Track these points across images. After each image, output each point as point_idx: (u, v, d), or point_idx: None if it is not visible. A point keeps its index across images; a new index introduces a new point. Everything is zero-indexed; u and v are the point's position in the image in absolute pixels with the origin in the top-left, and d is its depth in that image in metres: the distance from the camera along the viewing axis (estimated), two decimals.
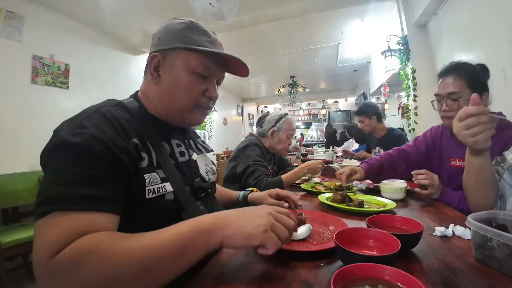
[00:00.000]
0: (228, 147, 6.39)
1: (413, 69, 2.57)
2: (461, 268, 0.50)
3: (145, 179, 0.53)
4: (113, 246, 0.38)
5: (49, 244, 0.37)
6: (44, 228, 0.39)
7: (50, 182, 0.42)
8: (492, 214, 0.60)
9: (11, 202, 2.02)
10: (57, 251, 0.36)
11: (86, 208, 0.41)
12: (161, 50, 0.61)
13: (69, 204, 0.40)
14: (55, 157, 0.45)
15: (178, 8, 2.84)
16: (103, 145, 0.46)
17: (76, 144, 0.44)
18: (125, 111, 0.58)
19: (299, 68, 5.54)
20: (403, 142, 2.00)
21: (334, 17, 3.26)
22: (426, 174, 1.00)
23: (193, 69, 0.61)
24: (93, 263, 0.36)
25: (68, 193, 0.41)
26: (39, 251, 0.37)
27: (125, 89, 3.63)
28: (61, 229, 0.38)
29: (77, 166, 0.43)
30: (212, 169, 0.79)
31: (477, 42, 1.87)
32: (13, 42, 2.42)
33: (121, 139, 0.50)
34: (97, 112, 0.51)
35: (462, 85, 0.97)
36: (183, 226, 0.43)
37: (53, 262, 0.36)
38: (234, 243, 0.44)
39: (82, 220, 0.40)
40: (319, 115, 9.48)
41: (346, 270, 0.40)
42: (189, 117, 0.65)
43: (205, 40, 0.63)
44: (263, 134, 1.57)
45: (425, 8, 2.37)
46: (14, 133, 2.40)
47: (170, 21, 0.65)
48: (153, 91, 0.64)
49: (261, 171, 1.31)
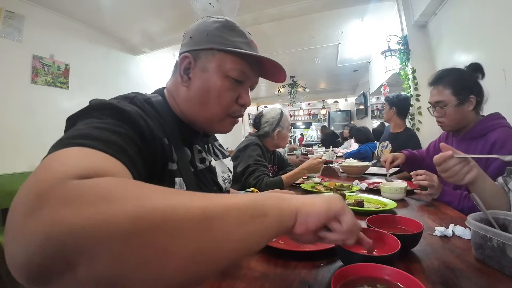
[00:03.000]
0: (228, 147, 6.38)
1: (413, 69, 2.57)
2: (461, 268, 0.50)
3: (175, 182, 0.51)
4: (161, 189, 0.26)
5: (76, 165, 0.26)
6: (68, 153, 0.29)
7: (86, 124, 0.36)
8: (492, 214, 0.60)
9: (11, 202, 2.02)
10: (85, 175, 0.25)
11: (124, 160, 0.33)
12: (192, 50, 0.56)
13: (104, 145, 0.32)
14: (94, 111, 0.39)
15: (178, 8, 2.84)
16: (146, 124, 0.43)
17: (124, 110, 0.40)
18: (154, 109, 0.53)
19: (299, 68, 5.54)
20: (416, 142, 2.00)
21: (334, 17, 3.26)
22: (425, 175, 1.01)
23: (227, 73, 0.55)
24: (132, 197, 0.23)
25: (103, 136, 0.34)
26: (55, 167, 0.25)
27: (125, 89, 3.65)
28: (95, 160, 0.29)
29: (119, 122, 0.39)
30: (229, 177, 0.75)
31: (477, 42, 1.87)
32: (13, 42, 2.42)
33: (159, 132, 0.47)
34: (132, 102, 0.47)
35: (446, 94, 1.05)
36: (245, 194, 0.33)
37: (76, 182, 0.24)
38: (314, 211, 0.34)
39: (120, 166, 0.32)
40: (319, 115, 9.46)
41: (346, 270, 0.40)
42: (219, 125, 0.60)
43: (241, 41, 0.57)
44: (267, 134, 1.57)
45: (425, 8, 2.36)
46: (14, 133, 2.40)
47: (204, 19, 0.59)
48: (182, 94, 0.58)
49: (261, 171, 1.31)
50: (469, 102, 1.02)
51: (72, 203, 0.21)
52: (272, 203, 0.31)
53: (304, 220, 0.33)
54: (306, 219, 0.33)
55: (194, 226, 0.23)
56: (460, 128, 1.09)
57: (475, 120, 1.05)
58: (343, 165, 1.73)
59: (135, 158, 0.37)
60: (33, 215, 0.20)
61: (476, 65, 1.06)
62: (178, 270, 0.22)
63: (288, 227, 0.32)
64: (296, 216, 0.33)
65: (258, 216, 0.29)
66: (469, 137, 1.06)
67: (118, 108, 0.40)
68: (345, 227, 0.36)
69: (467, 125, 1.06)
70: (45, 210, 0.20)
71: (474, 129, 1.04)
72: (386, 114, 2.25)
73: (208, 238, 0.24)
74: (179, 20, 3.07)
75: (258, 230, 0.29)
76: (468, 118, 1.05)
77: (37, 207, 0.21)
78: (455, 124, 1.08)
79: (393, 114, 2.19)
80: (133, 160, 0.36)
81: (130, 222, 0.20)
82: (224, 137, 5.93)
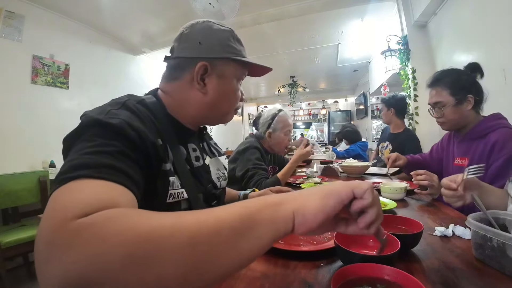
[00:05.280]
0: (228, 147, 6.38)
1: (413, 69, 2.57)
2: (461, 268, 0.50)
3: (170, 182, 0.52)
4: (152, 215, 0.29)
5: (74, 206, 0.29)
6: (66, 191, 0.32)
7: (76, 152, 0.38)
8: (492, 214, 0.60)
9: (11, 202, 2.01)
10: (82, 214, 0.28)
11: (118, 180, 0.36)
12: (208, 58, 0.60)
13: (100, 172, 0.35)
14: (85, 132, 0.41)
15: (178, 8, 2.85)
16: (136, 133, 0.44)
17: (110, 124, 0.42)
18: (148, 110, 0.55)
19: (299, 68, 5.54)
20: (415, 143, 1.99)
21: (334, 17, 3.26)
22: (425, 175, 1.01)
23: (239, 78, 0.66)
24: (123, 230, 0.26)
25: (98, 161, 0.36)
26: (53, 214, 0.28)
27: (125, 89, 3.63)
28: (91, 194, 0.32)
29: (109, 141, 0.40)
30: (224, 174, 0.78)
31: (477, 42, 1.87)
32: (13, 42, 2.42)
33: (150, 134, 0.48)
34: (124, 107, 0.49)
35: (444, 95, 1.06)
36: (245, 202, 0.33)
37: (75, 224, 0.26)
38: (309, 209, 0.32)
39: (114, 189, 0.35)
40: (319, 115, 9.46)
41: (346, 270, 0.40)
42: (227, 118, 0.70)
43: (243, 49, 0.66)
44: (260, 137, 1.57)
45: (425, 8, 2.36)
46: (14, 133, 2.40)
47: (208, 24, 0.62)
48: (197, 99, 0.61)
49: (260, 175, 1.32)
50: (467, 101, 1.03)
51: (72, 249, 0.25)
52: (265, 216, 0.31)
53: (303, 221, 0.32)
54: (304, 220, 0.32)
55: (182, 254, 0.26)
56: (460, 128, 1.10)
57: (475, 120, 1.05)
58: (343, 165, 1.73)
59: (130, 172, 0.39)
60: (47, 264, 0.25)
61: (474, 65, 1.06)
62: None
63: (286, 232, 0.32)
64: (294, 219, 0.32)
65: (250, 231, 0.29)
66: (470, 137, 1.06)
67: (105, 124, 0.42)
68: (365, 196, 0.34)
69: (467, 125, 1.07)
70: (54, 260, 0.25)
71: (475, 129, 1.04)
72: (385, 115, 2.24)
73: (197, 261, 0.26)
74: (179, 20, 3.07)
75: (251, 245, 0.29)
76: (468, 118, 1.05)
77: (47, 258, 0.25)
78: (454, 124, 1.09)
79: (392, 115, 2.18)
80: (128, 174, 0.38)
81: (124, 256, 0.24)
82: (224, 138, 5.91)
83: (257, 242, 0.29)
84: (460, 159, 1.11)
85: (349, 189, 0.34)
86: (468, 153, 1.06)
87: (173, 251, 0.25)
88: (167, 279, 0.25)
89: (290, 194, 0.35)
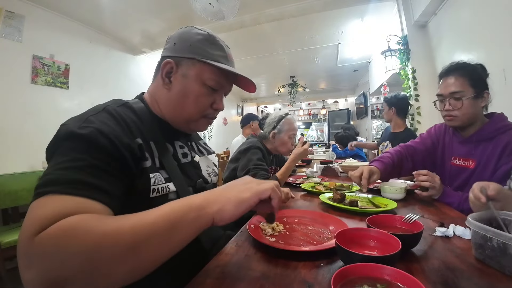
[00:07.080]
0: (228, 147, 6.38)
1: (413, 69, 2.57)
2: (461, 268, 0.50)
3: (150, 178, 0.54)
4: (100, 223, 0.36)
5: (35, 222, 0.35)
6: (35, 208, 0.38)
7: (51, 166, 0.43)
8: (492, 214, 0.60)
9: (11, 202, 2.02)
10: (42, 229, 0.34)
11: (82, 193, 0.40)
12: (175, 57, 0.62)
13: (66, 187, 0.39)
14: (60, 146, 0.46)
15: (178, 8, 2.84)
16: (108, 140, 0.47)
17: (81, 135, 0.45)
18: (131, 111, 0.59)
19: (299, 68, 5.54)
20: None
21: (334, 17, 3.26)
22: (427, 175, 0.99)
23: (205, 82, 0.63)
24: (78, 240, 0.33)
25: (67, 177, 0.41)
26: (24, 229, 0.35)
27: (125, 89, 3.66)
28: (51, 208, 0.37)
29: (80, 155, 0.44)
30: (214, 170, 0.81)
31: (477, 42, 1.87)
32: (13, 42, 2.41)
33: (126, 137, 0.51)
34: (104, 111, 0.53)
35: (465, 84, 0.98)
36: (174, 204, 0.42)
37: (36, 240, 0.33)
38: (226, 214, 0.43)
39: (74, 203, 0.39)
40: (319, 115, 9.46)
41: (346, 270, 0.40)
42: (194, 125, 0.68)
43: (220, 55, 0.64)
44: (264, 136, 1.57)
45: (425, 8, 2.36)
46: (14, 133, 2.40)
47: (188, 28, 0.66)
48: (163, 95, 0.65)
49: (261, 175, 1.31)
50: (483, 97, 0.98)
51: (37, 261, 0.32)
52: (189, 218, 0.40)
53: (220, 221, 0.43)
54: (222, 220, 0.43)
55: (125, 250, 0.35)
56: (466, 126, 1.03)
57: (482, 120, 1.02)
58: (343, 165, 1.73)
59: (100, 184, 0.43)
60: (26, 269, 0.33)
61: (482, 66, 1.04)
62: (122, 278, 0.35)
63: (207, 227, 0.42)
64: (213, 220, 0.42)
65: (179, 230, 0.40)
66: (476, 139, 1.01)
67: (77, 136, 0.46)
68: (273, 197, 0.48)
69: (474, 124, 1.02)
70: (31, 267, 0.33)
71: (483, 131, 0.99)
72: (386, 114, 2.26)
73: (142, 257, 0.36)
74: (179, 20, 3.07)
75: (180, 239, 0.40)
76: (478, 116, 1.00)
77: (25, 265, 0.33)
78: (467, 119, 1.00)
79: (392, 114, 2.20)
80: (98, 187, 0.43)
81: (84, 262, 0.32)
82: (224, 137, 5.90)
83: (184, 236, 0.40)
84: (462, 160, 1.06)
85: (256, 197, 0.45)
86: (473, 155, 1.01)
87: (121, 251, 0.35)
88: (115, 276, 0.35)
89: (213, 195, 0.45)
